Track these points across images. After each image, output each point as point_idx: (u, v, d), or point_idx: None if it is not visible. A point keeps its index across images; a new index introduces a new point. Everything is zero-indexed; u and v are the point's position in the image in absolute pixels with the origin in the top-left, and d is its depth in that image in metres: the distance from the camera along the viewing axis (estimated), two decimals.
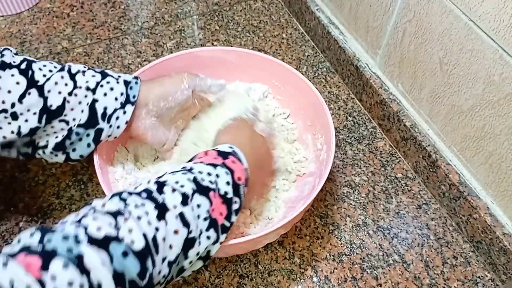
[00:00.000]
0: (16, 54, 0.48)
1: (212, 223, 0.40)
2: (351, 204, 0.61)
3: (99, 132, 0.49)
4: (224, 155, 0.44)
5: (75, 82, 0.48)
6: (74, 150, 0.49)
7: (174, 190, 0.39)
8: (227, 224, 0.41)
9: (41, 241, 0.31)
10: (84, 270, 0.30)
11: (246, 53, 0.64)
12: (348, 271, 0.55)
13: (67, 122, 0.48)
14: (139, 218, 0.35)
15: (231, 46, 0.80)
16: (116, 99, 0.49)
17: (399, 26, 0.61)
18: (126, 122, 0.49)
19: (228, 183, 0.42)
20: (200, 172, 0.41)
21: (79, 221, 0.34)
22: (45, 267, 0.29)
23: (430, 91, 0.59)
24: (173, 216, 0.37)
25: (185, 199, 0.39)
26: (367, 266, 0.55)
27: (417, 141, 0.62)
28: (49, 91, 0.46)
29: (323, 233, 0.58)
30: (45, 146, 0.49)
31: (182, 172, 0.41)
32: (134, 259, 0.33)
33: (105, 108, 0.48)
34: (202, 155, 0.44)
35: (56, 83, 0.47)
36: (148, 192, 0.38)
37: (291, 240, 0.57)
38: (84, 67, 0.50)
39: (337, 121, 0.70)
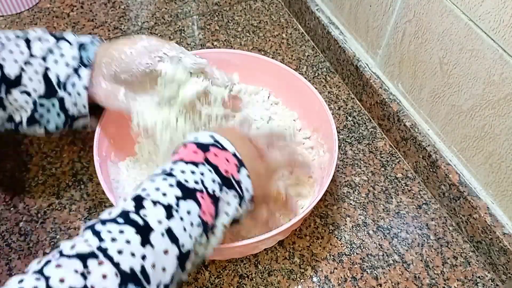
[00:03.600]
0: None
1: (205, 227, 0.37)
2: (351, 204, 0.61)
3: (61, 100, 0.47)
4: (204, 147, 0.40)
5: (30, 49, 0.46)
6: (48, 121, 0.48)
7: (155, 203, 0.35)
8: (216, 223, 0.39)
9: None
10: None
11: (252, 56, 0.63)
12: (348, 271, 0.55)
13: (28, 94, 0.46)
14: (120, 252, 0.31)
15: (231, 46, 0.80)
16: (67, 64, 0.46)
17: (399, 26, 0.61)
18: (85, 88, 0.46)
19: (213, 180, 0.39)
20: (183, 172, 0.38)
21: (41, 270, 0.29)
22: None
23: (430, 91, 0.59)
24: (159, 235, 0.34)
25: (169, 211, 0.35)
26: (367, 266, 0.55)
27: (417, 141, 0.62)
28: (3, 59, 0.45)
29: (323, 233, 0.58)
30: (21, 122, 0.48)
31: (162, 178, 0.37)
32: None
33: (57, 76, 0.46)
34: (181, 149, 0.41)
35: (11, 52, 0.45)
36: (126, 214, 0.34)
37: (291, 240, 0.57)
38: (44, 32, 0.48)
39: (337, 121, 0.70)
